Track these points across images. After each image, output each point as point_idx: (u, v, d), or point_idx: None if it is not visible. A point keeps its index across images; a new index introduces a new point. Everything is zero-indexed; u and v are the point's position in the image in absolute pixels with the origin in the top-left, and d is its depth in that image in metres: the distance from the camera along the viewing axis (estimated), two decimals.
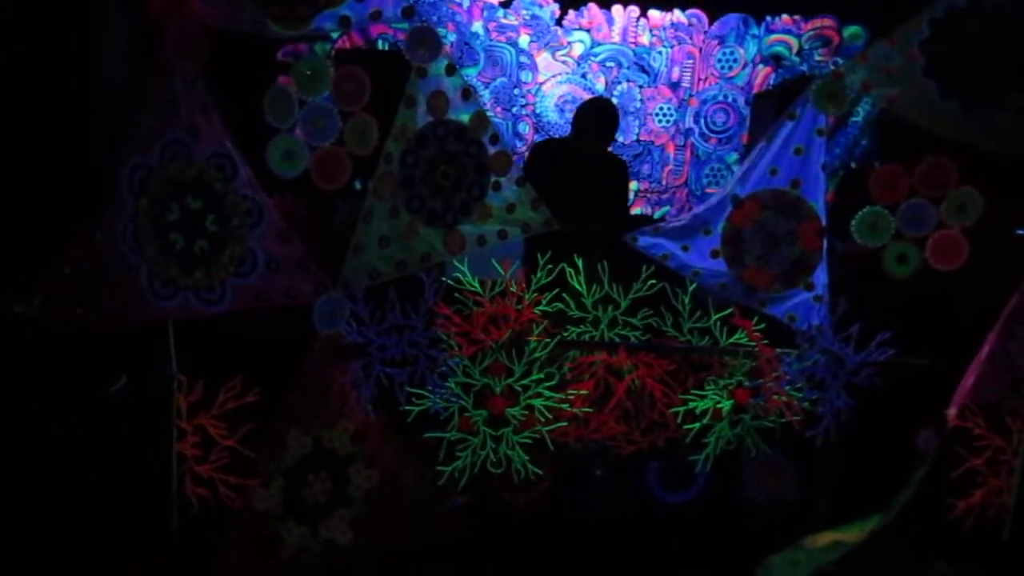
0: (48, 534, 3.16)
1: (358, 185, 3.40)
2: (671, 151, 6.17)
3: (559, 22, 5.80)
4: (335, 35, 5.22)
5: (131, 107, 2.91)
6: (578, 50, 5.88)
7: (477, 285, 3.44)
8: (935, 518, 3.60)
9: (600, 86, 5.95)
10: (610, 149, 4.82)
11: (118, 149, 2.89)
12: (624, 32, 5.89)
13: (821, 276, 3.62)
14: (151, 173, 2.91)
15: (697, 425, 3.66)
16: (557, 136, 5.88)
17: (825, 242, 3.60)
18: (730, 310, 3.63)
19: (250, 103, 3.07)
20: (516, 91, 5.88)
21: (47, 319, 2.83)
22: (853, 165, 5.50)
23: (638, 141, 6.09)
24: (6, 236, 2.98)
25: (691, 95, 6.08)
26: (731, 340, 3.66)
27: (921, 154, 3.52)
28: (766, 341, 3.67)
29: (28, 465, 3.11)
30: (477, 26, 5.70)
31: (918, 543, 3.66)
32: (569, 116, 5.78)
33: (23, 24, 3.00)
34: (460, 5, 5.63)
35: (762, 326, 3.67)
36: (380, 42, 5.58)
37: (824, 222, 3.58)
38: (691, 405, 3.66)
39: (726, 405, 3.68)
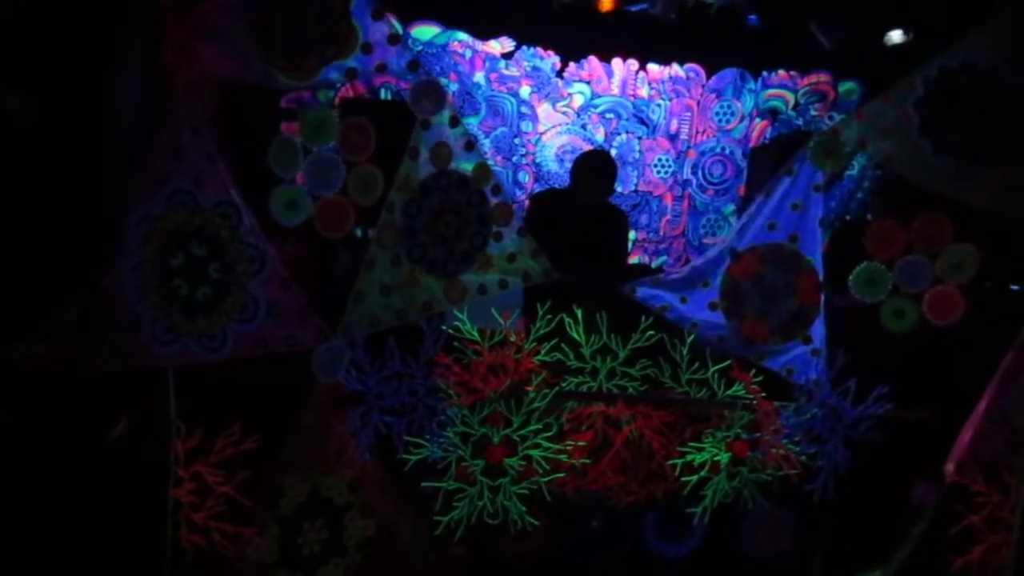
0: None
1: (359, 232, 3.43)
2: (669, 202, 6.24)
3: (560, 74, 5.89)
4: (339, 84, 5.29)
5: (140, 155, 2.94)
6: (578, 101, 5.96)
7: (476, 334, 3.45)
8: (934, 575, 3.58)
9: (600, 137, 6.03)
10: (609, 199, 4.86)
11: (126, 197, 2.92)
12: (624, 84, 5.98)
13: (819, 329, 3.64)
14: (156, 222, 2.94)
15: (695, 477, 3.65)
16: (557, 185, 5.93)
17: (823, 296, 3.63)
18: (728, 362, 3.64)
19: (254, 150, 3.11)
20: (517, 140, 5.95)
21: (51, 363, 2.84)
22: (848, 218, 5.56)
23: (636, 191, 6.16)
24: (13, 280, 2.99)
25: (689, 147, 6.16)
26: (729, 392, 3.66)
27: (917, 209, 3.56)
28: (764, 394, 3.68)
29: (25, 508, 3.08)
30: (479, 76, 5.78)
31: None
32: (569, 166, 5.86)
33: (36, 72, 3.05)
34: (463, 56, 5.72)
35: (760, 379, 3.68)
36: (383, 91, 5.65)
37: (822, 276, 3.60)
38: (689, 457, 3.65)
39: (724, 457, 3.67)
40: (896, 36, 5.30)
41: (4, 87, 2.91)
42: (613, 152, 6.02)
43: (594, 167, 4.52)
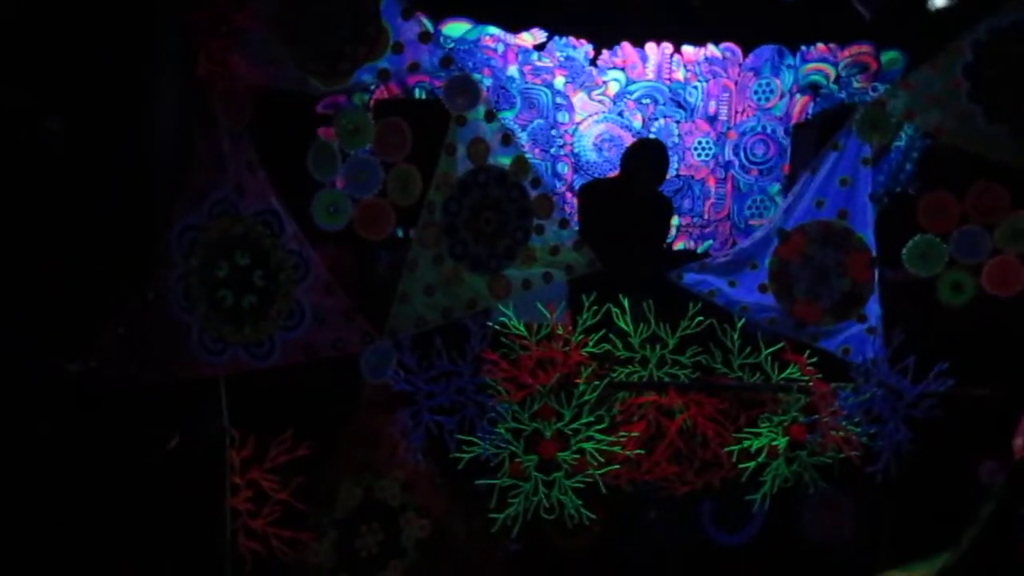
0: None
1: (400, 233, 3.42)
2: (712, 185, 6.14)
3: (593, 62, 5.83)
4: (373, 86, 5.30)
5: (181, 166, 2.98)
6: (614, 89, 5.89)
7: (523, 329, 3.42)
8: (1005, 556, 3.47)
9: (637, 123, 5.96)
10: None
11: (168, 209, 2.95)
12: (659, 69, 5.90)
13: (874, 308, 3.56)
14: (200, 233, 2.97)
15: (752, 464, 3.59)
16: (596, 175, 5.88)
17: (876, 273, 3.54)
18: (781, 345, 3.57)
19: (292, 155, 3.13)
20: (553, 132, 5.91)
21: (102, 379, 2.88)
22: (898, 190, 5.43)
23: (678, 176, 6.07)
24: (62, 297, 3.05)
25: (729, 128, 6.06)
26: (784, 376, 3.60)
27: (971, 178, 3.46)
28: (820, 376, 3.60)
29: (87, 523, 3.14)
30: (512, 70, 5.75)
31: None
32: (607, 155, 5.82)
33: (76, 89, 3.10)
34: (495, 50, 5.69)
35: (815, 360, 3.61)
36: (417, 90, 5.65)
37: (874, 253, 3.52)
38: (745, 444, 3.58)
39: (782, 442, 3.60)
40: (940, 1, 5.14)
41: (46, 110, 2.97)
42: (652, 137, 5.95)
43: (649, 157, 4.47)
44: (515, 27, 5.70)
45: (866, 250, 3.52)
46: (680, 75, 5.93)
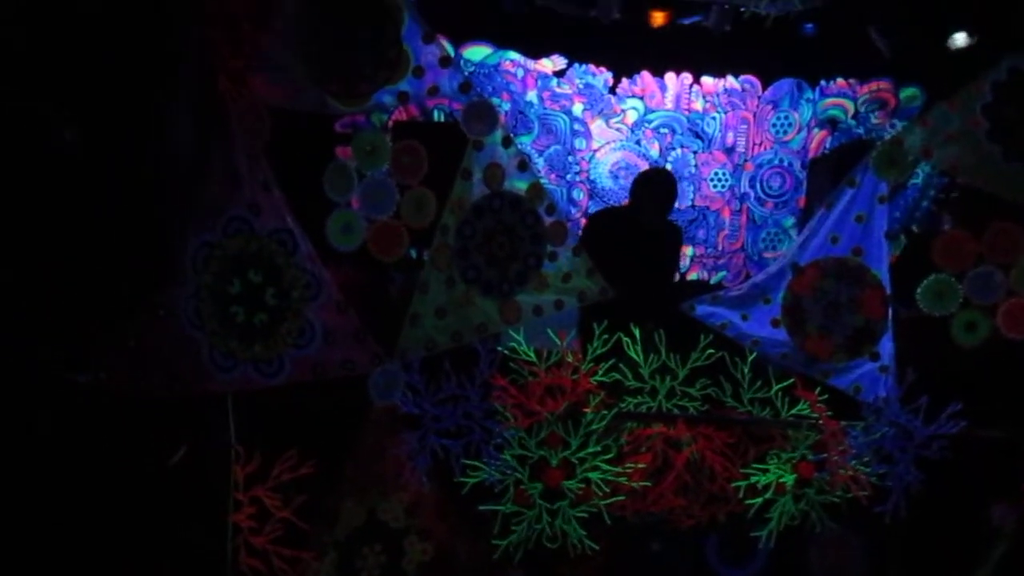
0: None
1: (413, 253, 3.42)
2: (727, 216, 6.13)
3: (612, 90, 5.85)
4: (392, 108, 5.34)
5: (197, 183, 3.00)
6: (632, 117, 5.91)
7: (533, 355, 3.41)
8: None
9: (654, 152, 5.97)
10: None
11: (183, 225, 2.97)
12: (677, 99, 5.92)
13: (887, 346, 3.53)
14: (214, 249, 2.99)
15: (759, 499, 3.55)
16: (612, 202, 5.88)
17: (890, 310, 3.51)
18: (792, 380, 3.55)
19: (309, 174, 3.14)
20: (570, 158, 5.92)
21: (111, 390, 2.89)
22: (915, 229, 5.40)
23: (693, 206, 6.07)
24: (74, 309, 3.06)
25: (746, 160, 6.06)
26: (793, 412, 3.57)
27: (987, 218, 3.44)
28: (830, 413, 3.57)
29: (88, 532, 3.14)
30: (531, 95, 5.78)
31: None
32: (623, 182, 5.81)
33: (93, 103, 3.13)
34: (515, 75, 5.73)
35: (825, 397, 3.58)
36: (436, 112, 5.68)
37: (888, 290, 3.49)
38: (753, 479, 3.55)
39: (789, 479, 3.56)
40: (960, 39, 5.14)
41: (60, 119, 2.99)
42: (668, 167, 5.95)
43: (654, 187, 4.47)
44: (536, 53, 5.74)
45: (880, 287, 3.50)
46: (699, 105, 5.95)
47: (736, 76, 5.95)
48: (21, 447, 3.01)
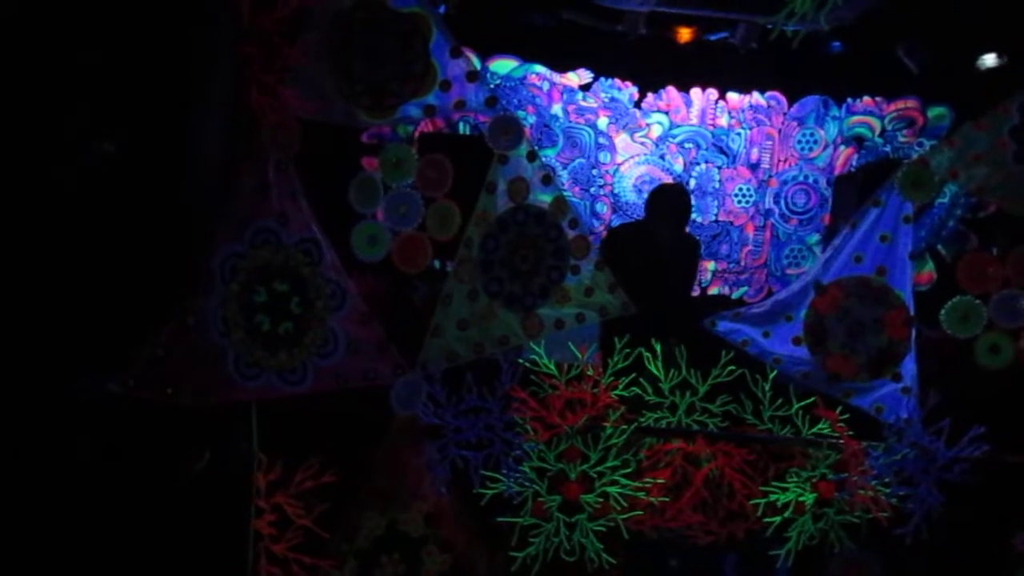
0: None
1: (437, 264, 3.45)
2: (750, 232, 6.13)
3: (638, 104, 5.88)
4: (418, 120, 5.40)
5: (226, 195, 3.04)
6: (656, 131, 5.93)
7: (553, 368, 3.43)
8: None
9: (679, 167, 5.98)
10: (688, 229, 4.80)
11: (211, 235, 3.02)
12: (702, 114, 5.93)
13: (910, 367, 3.51)
14: (241, 259, 3.03)
15: (778, 518, 3.54)
16: (634, 216, 5.90)
17: (914, 332, 3.50)
18: (813, 399, 3.53)
19: (335, 185, 3.18)
20: (594, 171, 5.95)
21: (139, 398, 2.93)
22: (941, 249, 5.37)
23: (716, 222, 6.07)
24: (102, 317, 3.12)
25: (770, 176, 6.06)
26: (814, 431, 3.55)
27: (1013, 241, 3.42)
28: (851, 433, 3.54)
29: (111, 539, 3.18)
30: (556, 108, 5.81)
31: None
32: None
33: (125, 114, 3.19)
34: (540, 88, 5.77)
35: (847, 417, 3.55)
36: (462, 124, 5.73)
37: (912, 311, 3.48)
38: (772, 497, 3.54)
39: (809, 498, 3.54)
40: (990, 60, 5.12)
41: (99, 134, 3.06)
42: (692, 182, 5.96)
43: (667, 202, 4.48)
44: (561, 67, 5.78)
45: (904, 307, 3.48)
46: (724, 121, 5.96)
47: (762, 92, 5.96)
48: (51, 452, 3.07)
